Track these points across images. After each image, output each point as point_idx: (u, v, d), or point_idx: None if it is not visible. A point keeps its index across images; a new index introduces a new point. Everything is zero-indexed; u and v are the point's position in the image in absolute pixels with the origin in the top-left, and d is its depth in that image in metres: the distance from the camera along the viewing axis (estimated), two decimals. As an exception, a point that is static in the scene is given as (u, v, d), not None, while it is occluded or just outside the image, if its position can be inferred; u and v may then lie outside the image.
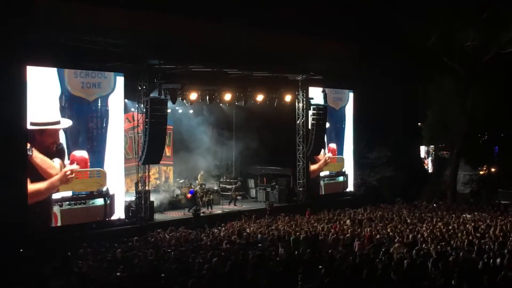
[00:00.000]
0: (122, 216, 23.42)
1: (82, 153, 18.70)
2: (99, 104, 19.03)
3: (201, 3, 28.76)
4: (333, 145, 33.50)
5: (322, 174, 33.55)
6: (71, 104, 17.85)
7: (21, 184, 21.51)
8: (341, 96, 33.94)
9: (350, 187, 35.50)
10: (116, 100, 21.31)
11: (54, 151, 18.65)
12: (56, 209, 17.70)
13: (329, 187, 32.93)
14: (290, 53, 30.31)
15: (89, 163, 19.14)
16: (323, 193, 33.57)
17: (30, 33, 21.40)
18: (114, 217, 21.33)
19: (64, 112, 17.83)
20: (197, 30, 27.11)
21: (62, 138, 18.87)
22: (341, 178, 34.18)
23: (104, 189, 19.96)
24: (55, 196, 17.94)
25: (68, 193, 18.06)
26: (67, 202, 18.09)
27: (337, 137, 33.80)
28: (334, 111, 33.16)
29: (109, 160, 20.70)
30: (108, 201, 19.70)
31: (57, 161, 18.98)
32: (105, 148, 19.72)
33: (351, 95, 35.19)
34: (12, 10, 21.29)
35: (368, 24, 34.65)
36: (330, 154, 32.96)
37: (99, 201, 19.10)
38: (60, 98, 17.72)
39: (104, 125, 19.59)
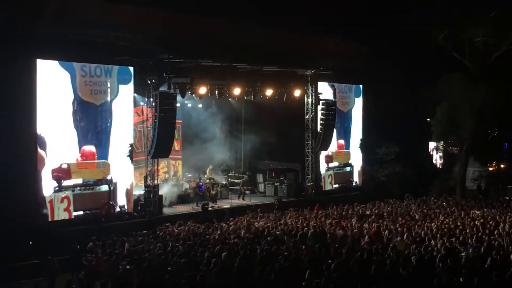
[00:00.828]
0: (124, 201, 24.30)
1: (90, 148, 21.20)
2: (105, 108, 21.68)
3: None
4: (341, 141, 35.04)
5: (331, 165, 34.56)
6: (81, 107, 20.57)
7: (31, 178, 21.80)
8: (348, 100, 35.53)
9: (356, 176, 36.47)
10: (119, 104, 23.48)
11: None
12: (69, 193, 20.08)
13: (338, 176, 34.55)
14: (300, 52, 30.32)
15: (96, 156, 21.56)
16: (332, 182, 34.51)
17: (40, 27, 21.58)
18: (118, 202, 23.30)
19: (76, 114, 20.42)
20: (206, 25, 27.12)
21: (69, 134, 20.79)
22: (348, 169, 35.73)
23: (109, 177, 22.19)
24: (68, 182, 20.25)
25: (79, 181, 20.57)
26: (78, 188, 20.63)
27: (344, 135, 35.36)
28: (342, 113, 34.83)
29: (113, 153, 22.88)
30: (112, 188, 22.11)
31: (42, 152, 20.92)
32: (109, 143, 22.14)
33: (357, 100, 36.45)
34: (23, 4, 21.44)
35: (377, 22, 34.56)
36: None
37: (104, 188, 21.61)
38: (73, 102, 20.33)
39: (108, 124, 22.04)
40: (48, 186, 20.19)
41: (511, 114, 36.78)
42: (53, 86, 20.13)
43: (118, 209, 23.76)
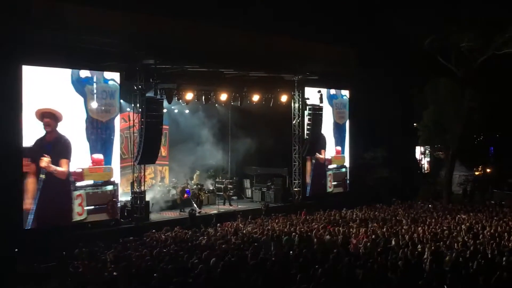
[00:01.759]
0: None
1: (99, 156, 24.35)
2: (110, 124, 24.81)
3: (198, 3, 28.71)
4: (338, 148, 36.75)
5: (330, 166, 36.13)
6: (92, 124, 23.96)
7: (16, 185, 21.94)
8: (344, 115, 37.10)
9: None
10: (120, 120, 26.30)
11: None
12: (82, 192, 23.53)
13: (336, 176, 36.45)
14: (287, 55, 30.35)
15: (103, 162, 24.55)
16: (332, 180, 36.07)
17: (27, 33, 21.57)
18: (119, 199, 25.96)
19: (87, 129, 23.77)
20: (192, 30, 27.10)
21: (85, 145, 23.95)
22: (343, 169, 37.24)
23: (112, 179, 24.98)
24: (82, 183, 23.66)
25: (90, 182, 23.94)
26: (89, 187, 23.92)
27: (341, 142, 37.00)
28: (339, 125, 36.66)
29: (115, 160, 25.41)
30: (115, 187, 25.15)
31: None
32: (113, 152, 25.02)
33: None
34: (10, 10, 21.39)
35: (365, 26, 34.73)
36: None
37: (109, 187, 24.74)
38: (85, 120, 23.74)
39: (112, 137, 24.93)
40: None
41: (497, 118, 37.09)
42: (71, 108, 23.37)
43: (119, 204, 25.63)
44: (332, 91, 35.88)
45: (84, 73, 23.83)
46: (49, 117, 22.67)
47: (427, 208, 29.84)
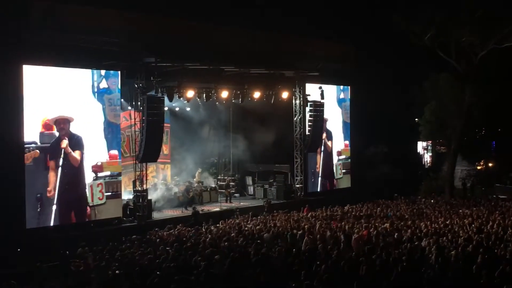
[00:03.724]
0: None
1: (115, 152, 25.82)
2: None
3: (200, 2, 28.73)
4: (346, 142, 37.60)
5: (341, 157, 37.24)
6: (108, 126, 25.49)
7: (18, 183, 22.00)
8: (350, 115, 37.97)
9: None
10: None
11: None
12: (102, 181, 25.33)
13: (344, 165, 37.67)
14: (287, 52, 30.34)
15: (118, 157, 25.94)
16: (341, 168, 37.24)
17: (27, 32, 21.64)
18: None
19: (105, 130, 25.46)
20: (193, 28, 27.13)
21: (103, 143, 25.54)
22: (350, 160, 37.85)
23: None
24: (102, 174, 25.45)
25: (108, 173, 25.57)
26: (108, 177, 25.50)
27: (348, 137, 37.74)
28: (347, 123, 37.56)
29: None
30: None
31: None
32: None
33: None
34: (10, 10, 21.45)
35: (364, 22, 34.72)
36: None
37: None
38: (103, 122, 25.33)
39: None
40: (88, 176, 24.90)
41: (498, 113, 37.03)
42: (92, 113, 25.02)
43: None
44: (341, 96, 36.69)
45: (103, 85, 25.09)
46: (62, 123, 24.06)
47: (429, 203, 29.83)
